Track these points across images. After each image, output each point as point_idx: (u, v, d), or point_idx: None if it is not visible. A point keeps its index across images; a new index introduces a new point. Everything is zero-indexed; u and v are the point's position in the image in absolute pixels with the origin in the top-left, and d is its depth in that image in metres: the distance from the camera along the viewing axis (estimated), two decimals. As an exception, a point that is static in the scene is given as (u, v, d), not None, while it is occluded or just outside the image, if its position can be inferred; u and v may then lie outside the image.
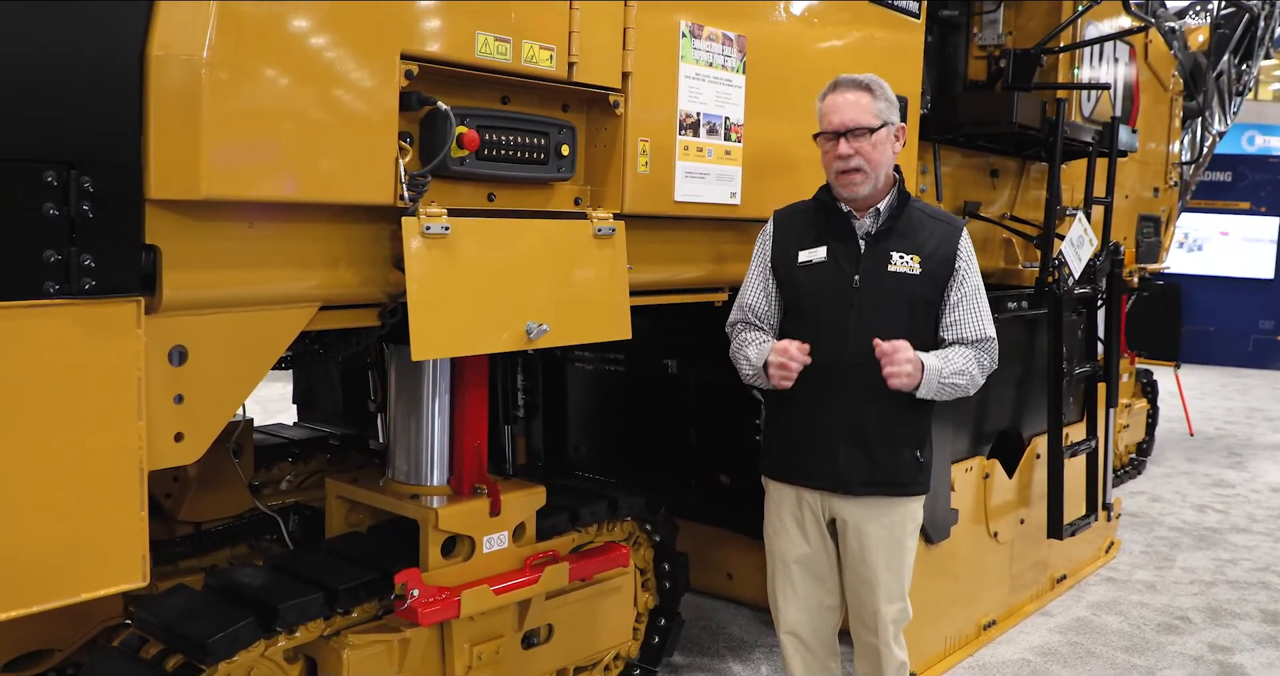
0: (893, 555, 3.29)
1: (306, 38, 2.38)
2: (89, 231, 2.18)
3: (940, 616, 4.68)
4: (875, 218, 3.24)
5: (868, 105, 3.15)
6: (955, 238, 3.26)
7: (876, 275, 3.19)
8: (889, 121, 3.19)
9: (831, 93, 3.21)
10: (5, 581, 2.14)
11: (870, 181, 3.18)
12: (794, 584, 3.39)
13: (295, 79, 2.37)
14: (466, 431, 3.42)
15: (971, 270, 3.27)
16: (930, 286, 3.22)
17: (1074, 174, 5.86)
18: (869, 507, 3.25)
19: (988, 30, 5.58)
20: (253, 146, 2.32)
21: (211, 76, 2.23)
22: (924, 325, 3.24)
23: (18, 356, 2.11)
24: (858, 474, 3.21)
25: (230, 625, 2.87)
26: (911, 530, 3.34)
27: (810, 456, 3.28)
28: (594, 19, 3.01)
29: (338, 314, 2.78)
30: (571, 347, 5.33)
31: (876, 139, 3.15)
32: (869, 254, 3.22)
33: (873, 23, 4.07)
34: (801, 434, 3.29)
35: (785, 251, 3.33)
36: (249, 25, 2.28)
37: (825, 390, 3.20)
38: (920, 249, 3.21)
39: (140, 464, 2.31)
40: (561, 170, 3.07)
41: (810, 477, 3.30)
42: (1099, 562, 6.20)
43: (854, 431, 3.20)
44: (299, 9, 2.36)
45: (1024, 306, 5.06)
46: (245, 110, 2.29)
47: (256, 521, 4.30)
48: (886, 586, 3.29)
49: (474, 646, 3.37)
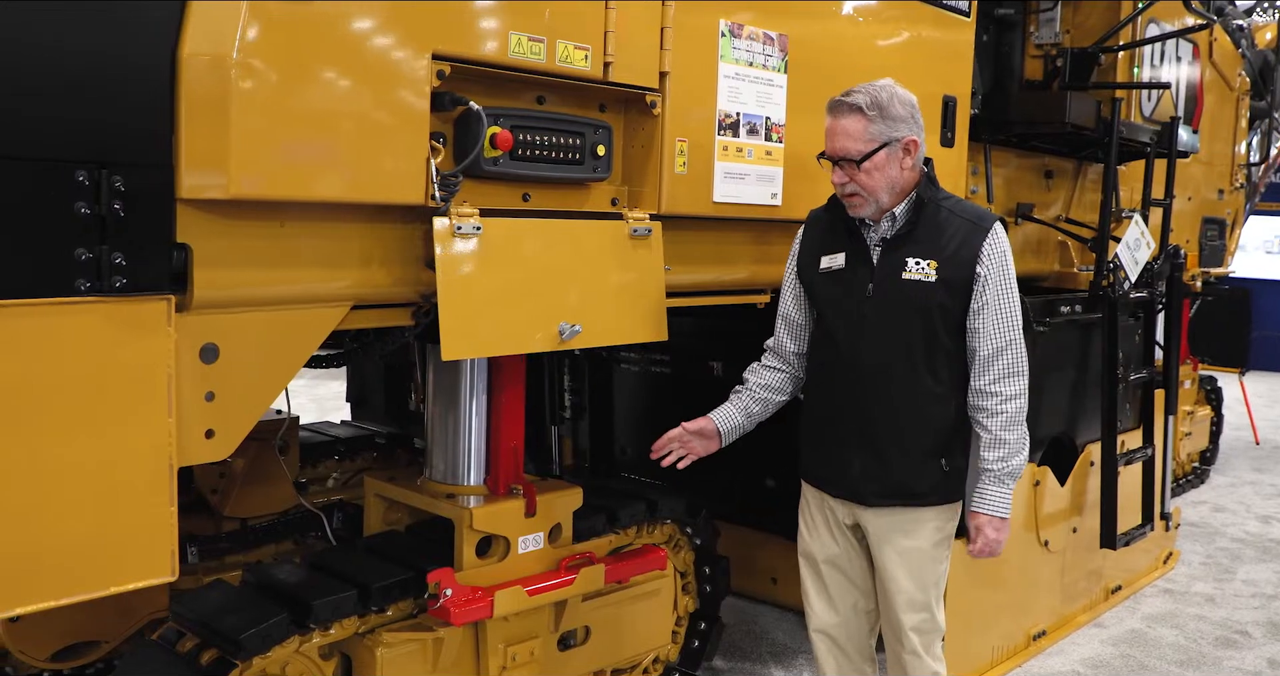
0: (913, 564, 3.21)
1: (336, 38, 2.39)
2: (120, 230, 2.20)
3: (988, 625, 4.60)
4: (890, 223, 3.14)
5: (859, 132, 3.03)
6: (979, 238, 3.08)
7: (890, 283, 3.10)
8: (890, 140, 3.05)
9: (829, 115, 3.12)
10: (38, 574, 2.17)
11: (869, 204, 3.09)
12: (825, 584, 3.37)
13: (325, 79, 2.38)
14: (503, 431, 3.43)
15: (998, 272, 3.08)
16: (948, 293, 3.07)
17: (1133, 176, 5.74)
18: (887, 517, 3.20)
19: (1044, 29, 5.48)
20: (282, 146, 2.33)
21: (241, 77, 2.24)
22: (945, 333, 3.10)
23: (50, 353, 2.14)
24: (872, 484, 3.16)
25: (264, 620, 2.89)
26: (937, 539, 3.24)
27: (829, 464, 3.26)
28: (630, 19, 3.00)
29: (371, 313, 2.79)
30: (617, 349, 5.33)
31: (871, 164, 3.04)
32: (883, 261, 3.13)
33: (920, 21, 4.02)
34: (822, 442, 3.28)
35: (810, 257, 3.29)
36: (279, 26, 2.29)
37: (841, 400, 3.19)
38: (939, 253, 3.08)
39: (170, 460, 2.33)
40: (597, 170, 3.06)
41: (831, 485, 3.28)
42: (1156, 573, 6.07)
43: (868, 441, 3.15)
44: (329, 10, 2.37)
45: (1077, 310, 4.96)
46: (274, 110, 2.30)
47: (301, 518, 4.35)
48: (908, 595, 3.22)
49: (509, 647, 3.37)
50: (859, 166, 3.04)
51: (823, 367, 3.28)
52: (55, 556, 2.19)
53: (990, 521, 3.15)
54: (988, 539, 3.16)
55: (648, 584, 3.86)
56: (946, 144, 4.21)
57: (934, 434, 3.14)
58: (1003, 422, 3.12)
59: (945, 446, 3.17)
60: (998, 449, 3.12)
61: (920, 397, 3.12)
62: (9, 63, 2.03)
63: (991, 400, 3.11)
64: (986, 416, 3.12)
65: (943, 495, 3.20)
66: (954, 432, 3.18)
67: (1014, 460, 3.14)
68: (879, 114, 3.03)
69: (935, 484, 3.17)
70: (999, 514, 3.15)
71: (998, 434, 3.12)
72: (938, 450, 3.15)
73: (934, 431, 3.14)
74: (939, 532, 3.24)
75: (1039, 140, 5.17)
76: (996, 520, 3.15)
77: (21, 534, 2.14)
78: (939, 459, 3.16)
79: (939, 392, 3.13)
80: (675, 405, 5.26)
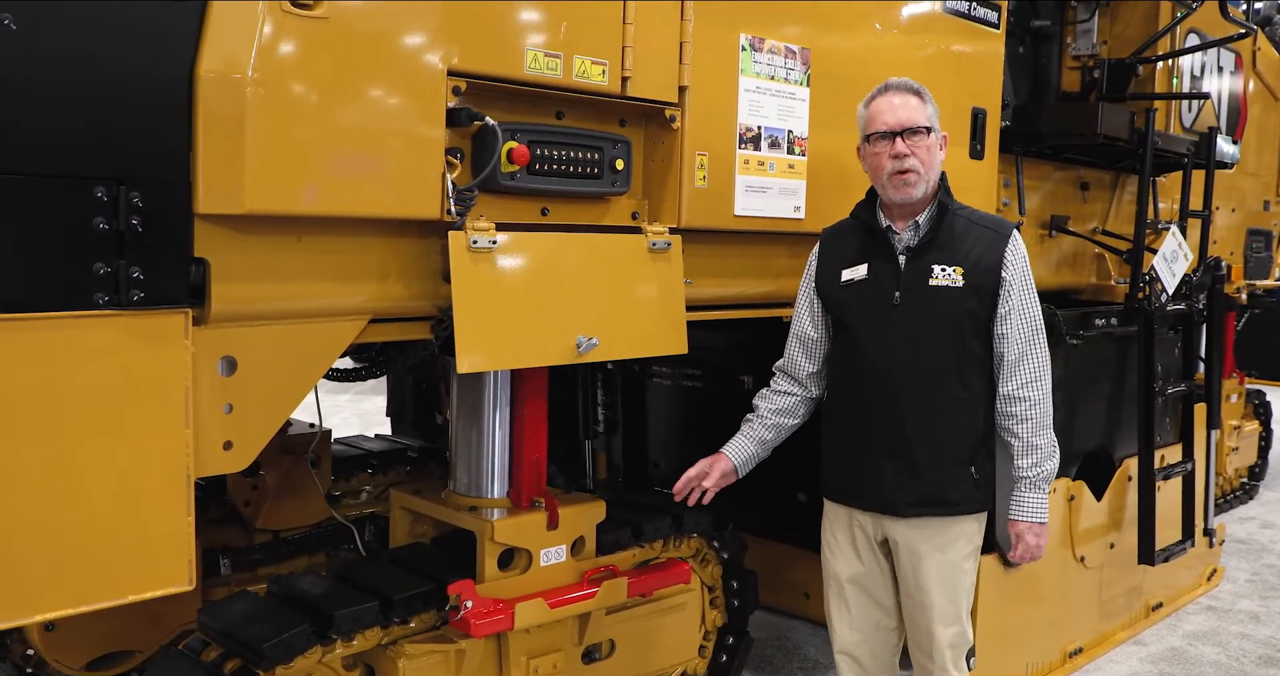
0: (947, 577, 3.20)
1: (352, 55, 2.43)
2: (138, 245, 2.24)
3: (1022, 642, 4.55)
4: (915, 231, 3.16)
5: (920, 108, 3.11)
6: (1001, 245, 3.13)
7: (917, 291, 3.12)
8: (936, 128, 3.15)
9: (881, 95, 3.15)
10: (56, 581, 2.21)
11: (924, 183, 3.10)
12: (848, 603, 3.36)
13: (339, 97, 2.41)
14: (526, 444, 3.44)
15: (1021, 278, 3.14)
16: (976, 299, 3.10)
17: (1174, 187, 5.67)
18: (920, 528, 3.18)
19: (1081, 40, 5.45)
20: (297, 162, 2.37)
21: (257, 94, 2.28)
22: (973, 339, 3.13)
23: (70, 365, 2.18)
24: (905, 494, 3.15)
25: (287, 631, 2.92)
26: (968, 551, 3.24)
27: (858, 477, 3.24)
28: (648, 34, 3.02)
29: (389, 327, 2.82)
30: (650, 363, 5.35)
31: (930, 141, 3.10)
32: (909, 269, 3.14)
33: (947, 33, 4.00)
34: (849, 454, 3.26)
35: (830, 271, 3.28)
36: (295, 43, 2.33)
37: (870, 410, 3.18)
38: (964, 259, 3.11)
39: (188, 470, 2.37)
40: (616, 184, 3.08)
41: (859, 498, 3.26)
42: (1199, 591, 5.97)
43: (899, 450, 3.14)
44: (343, 28, 2.41)
45: (1113, 323, 4.91)
46: (290, 127, 2.34)
47: (333, 531, 4.39)
48: (941, 609, 3.21)
49: (531, 659, 3.38)
50: (927, 136, 3.08)
51: (847, 380, 3.28)
52: (75, 564, 2.23)
53: (1030, 527, 3.18)
54: (1028, 545, 3.19)
55: (674, 598, 3.85)
56: (976, 156, 4.18)
57: (963, 441, 3.15)
58: (1032, 427, 3.14)
59: (973, 454, 3.17)
60: (1030, 455, 3.15)
61: (949, 404, 3.13)
62: (28, 81, 2.07)
63: (1020, 405, 3.13)
64: (1016, 422, 3.15)
65: (973, 504, 3.21)
66: (981, 440, 3.19)
67: (1047, 465, 3.16)
68: (930, 101, 3.15)
69: (966, 493, 3.18)
70: (1038, 519, 3.18)
71: (1028, 440, 3.15)
72: (967, 458, 3.16)
73: (963, 439, 3.16)
74: (969, 544, 3.24)
75: (1073, 152, 5.12)
76: (1036, 525, 3.18)
77: (42, 542, 2.18)
78: (968, 466, 3.17)
79: (967, 399, 3.15)
80: (707, 420, 5.29)
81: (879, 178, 3.15)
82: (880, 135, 3.11)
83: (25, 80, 2.07)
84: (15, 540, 2.14)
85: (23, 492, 2.14)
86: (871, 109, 3.16)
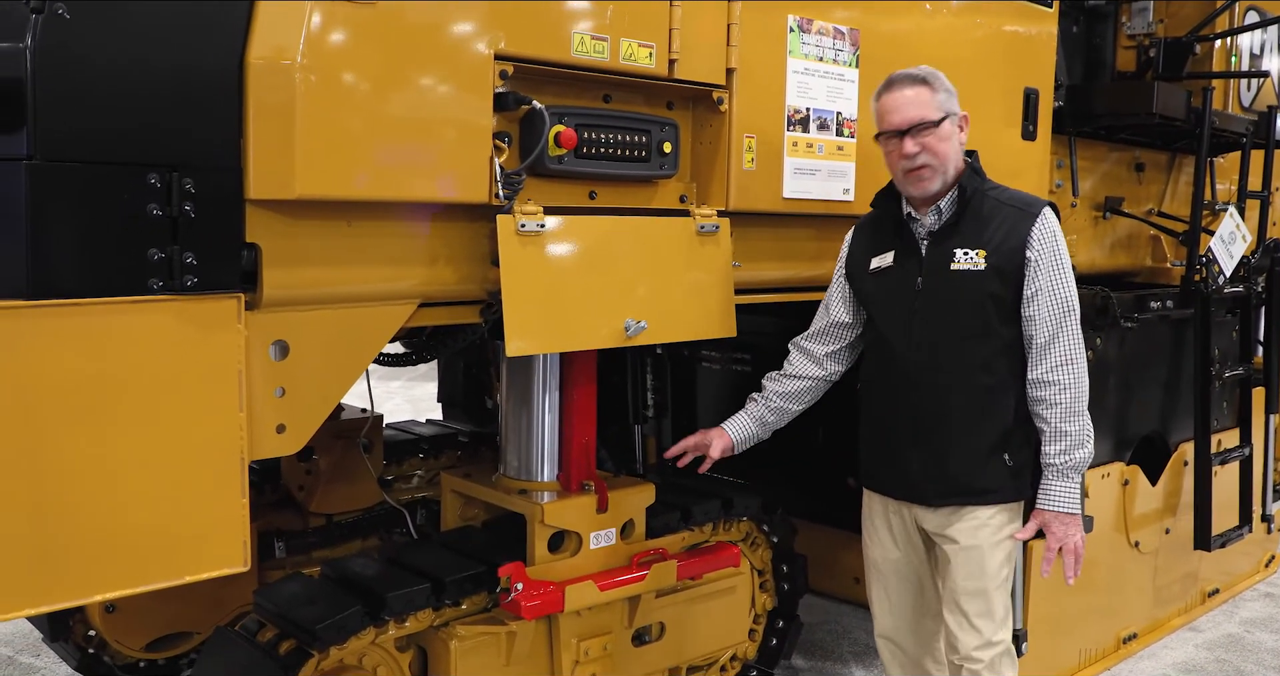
0: (980, 569, 3.12)
1: (400, 41, 2.45)
2: (191, 230, 2.27)
3: (1075, 628, 4.51)
4: (937, 216, 3.08)
5: (927, 100, 3.00)
6: (1028, 224, 3.00)
7: (939, 276, 3.05)
8: (950, 112, 3.03)
9: (886, 91, 3.06)
10: (116, 562, 2.25)
11: (940, 176, 3.02)
12: (888, 590, 3.35)
13: (388, 81, 2.43)
14: (576, 428, 3.45)
15: (1049, 257, 3.00)
16: (999, 281, 3.00)
17: (1232, 168, 5.57)
18: (950, 517, 3.13)
19: (1137, 19, 5.35)
20: (346, 147, 2.39)
21: (306, 80, 2.30)
22: (1001, 323, 3.03)
23: (124, 350, 2.21)
24: (933, 484, 3.11)
25: (340, 612, 2.96)
26: (1003, 542, 3.14)
27: (889, 467, 3.21)
28: (695, 16, 3.01)
29: (439, 311, 2.84)
30: (699, 348, 5.34)
31: (941, 132, 3.00)
32: (931, 255, 3.08)
33: (998, 12, 3.96)
34: (881, 444, 3.24)
35: (860, 260, 3.25)
36: (343, 29, 2.35)
37: (896, 398, 3.15)
38: (988, 242, 3.01)
39: (242, 453, 2.40)
40: (664, 168, 3.08)
41: (891, 488, 3.24)
42: (1257, 577, 5.89)
43: (926, 438, 3.09)
44: (391, 13, 2.42)
45: (1168, 306, 4.84)
46: (339, 112, 2.36)
47: (386, 515, 4.43)
48: (975, 604, 3.12)
49: (581, 641, 3.39)
50: (935, 130, 2.99)
51: (877, 369, 3.25)
52: (133, 545, 2.27)
53: (1056, 517, 3.05)
54: (1056, 535, 3.07)
55: (723, 581, 3.86)
56: (1028, 136, 4.13)
57: (993, 428, 3.07)
58: (1061, 413, 3.02)
59: (1006, 441, 3.08)
60: (1058, 441, 3.03)
61: (975, 391, 3.06)
62: (83, 71, 2.11)
63: (1049, 390, 3.02)
64: (1045, 407, 3.04)
65: (1008, 492, 3.12)
66: (1015, 426, 3.09)
67: (1077, 453, 3.03)
68: (940, 86, 3.04)
69: (1000, 480, 3.10)
70: (1065, 509, 3.05)
71: (1057, 425, 3.03)
72: (999, 445, 3.07)
73: (993, 425, 3.07)
74: (1002, 532, 3.14)
75: (1128, 132, 5.04)
76: (1063, 515, 3.05)
77: (101, 524, 2.21)
78: (1001, 454, 3.08)
79: (995, 384, 3.06)
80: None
81: (895, 174, 3.11)
82: (888, 135, 3.05)
83: (78, 68, 2.11)
84: (76, 522, 2.18)
85: (81, 475, 2.18)
86: (879, 106, 3.09)
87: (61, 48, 2.08)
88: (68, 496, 2.16)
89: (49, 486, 2.14)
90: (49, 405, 2.13)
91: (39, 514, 2.14)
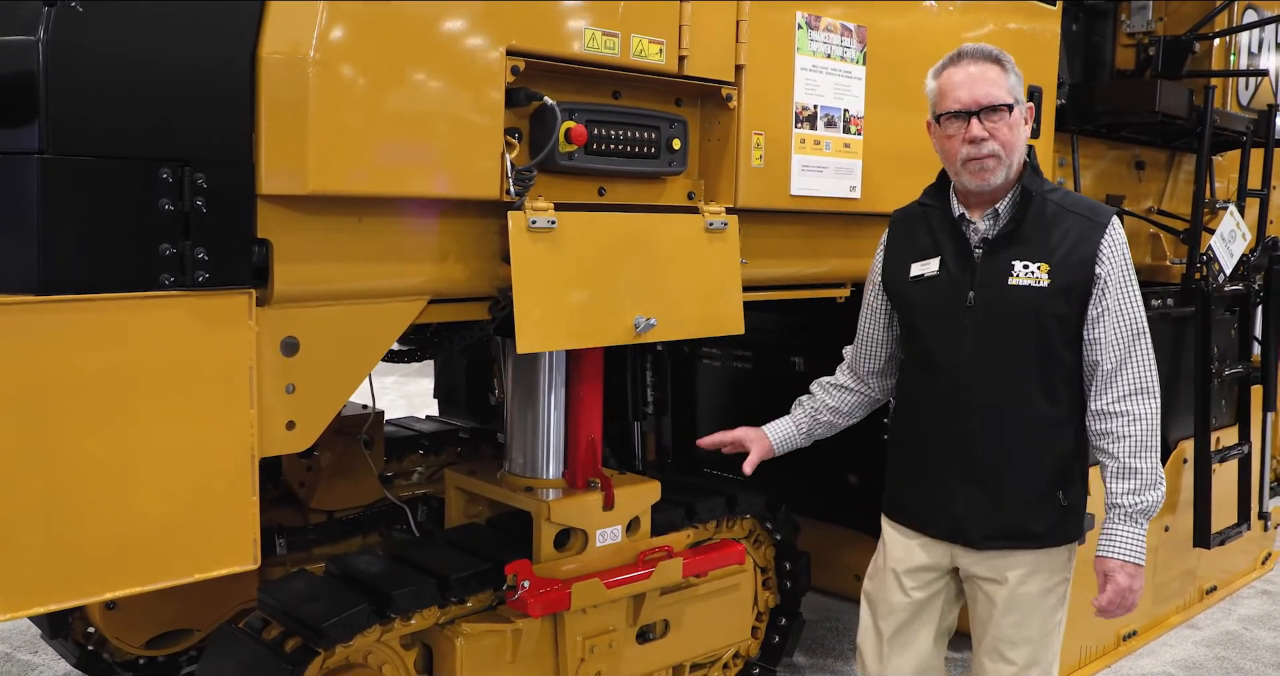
0: (1030, 616, 2.82)
1: (411, 35, 2.43)
2: (202, 226, 2.26)
3: (1076, 625, 4.45)
4: (994, 220, 2.76)
5: (1000, 79, 2.68)
6: (1096, 236, 2.69)
7: (995, 290, 2.72)
8: (1020, 100, 2.72)
9: (953, 65, 2.72)
10: (125, 560, 2.23)
11: (1004, 168, 2.70)
12: (882, 636, 3.01)
13: (401, 76, 2.42)
14: (581, 425, 3.45)
15: (1119, 274, 2.70)
16: (1064, 300, 2.68)
17: (1230, 166, 5.59)
18: (996, 560, 2.82)
19: (1136, 17, 5.37)
20: (359, 143, 2.37)
21: (319, 75, 2.29)
22: (1062, 346, 2.72)
23: (135, 345, 2.20)
24: (980, 524, 2.78)
25: (346, 610, 2.94)
26: (1055, 587, 2.83)
27: (927, 500, 2.88)
28: (705, 12, 3.00)
29: (448, 307, 2.82)
30: (700, 344, 5.33)
31: (1013, 119, 2.68)
32: (986, 265, 2.74)
33: (1004, 10, 3.96)
34: (916, 473, 2.92)
35: (898, 264, 2.92)
36: (355, 25, 2.34)
37: (942, 427, 2.82)
38: (1050, 254, 2.68)
39: (252, 450, 2.38)
40: (673, 164, 3.07)
41: (928, 525, 2.90)
42: (1254, 574, 5.90)
43: (974, 474, 2.78)
44: (404, 7, 2.41)
45: (1169, 304, 4.85)
46: (351, 108, 2.35)
47: (387, 511, 4.41)
48: (1021, 652, 2.83)
49: (586, 639, 3.38)
50: (1009, 114, 2.68)
51: (918, 391, 2.93)
52: (143, 543, 2.25)
53: (1123, 568, 2.67)
54: (1119, 587, 2.68)
55: (727, 579, 3.85)
56: (1032, 135, 4.10)
57: (1051, 464, 2.76)
58: (1131, 447, 2.68)
59: (1063, 478, 2.78)
60: (1128, 480, 2.69)
61: (1034, 422, 2.74)
62: (95, 65, 2.09)
63: (1117, 422, 2.69)
64: (1111, 441, 2.70)
65: (1062, 535, 2.82)
66: (1073, 462, 2.80)
67: (1149, 494, 2.69)
68: (1013, 69, 2.73)
69: (1053, 522, 2.78)
70: (1132, 558, 2.68)
71: (1126, 462, 2.68)
72: (1055, 483, 2.77)
73: (1050, 461, 2.76)
74: (1055, 578, 2.84)
75: (1129, 130, 5.06)
76: (1130, 566, 2.68)
77: (112, 521, 2.20)
78: (1056, 492, 2.77)
79: (1056, 416, 2.75)
80: (758, 401, 5.27)
81: (952, 163, 2.76)
82: (953, 115, 2.70)
83: (91, 62, 2.09)
84: (85, 519, 2.16)
85: (91, 472, 2.16)
86: (942, 82, 2.73)
87: (74, 41, 2.07)
88: (77, 493, 2.15)
89: (59, 483, 2.12)
90: (59, 401, 2.11)
91: (48, 511, 2.12)
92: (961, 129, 2.70)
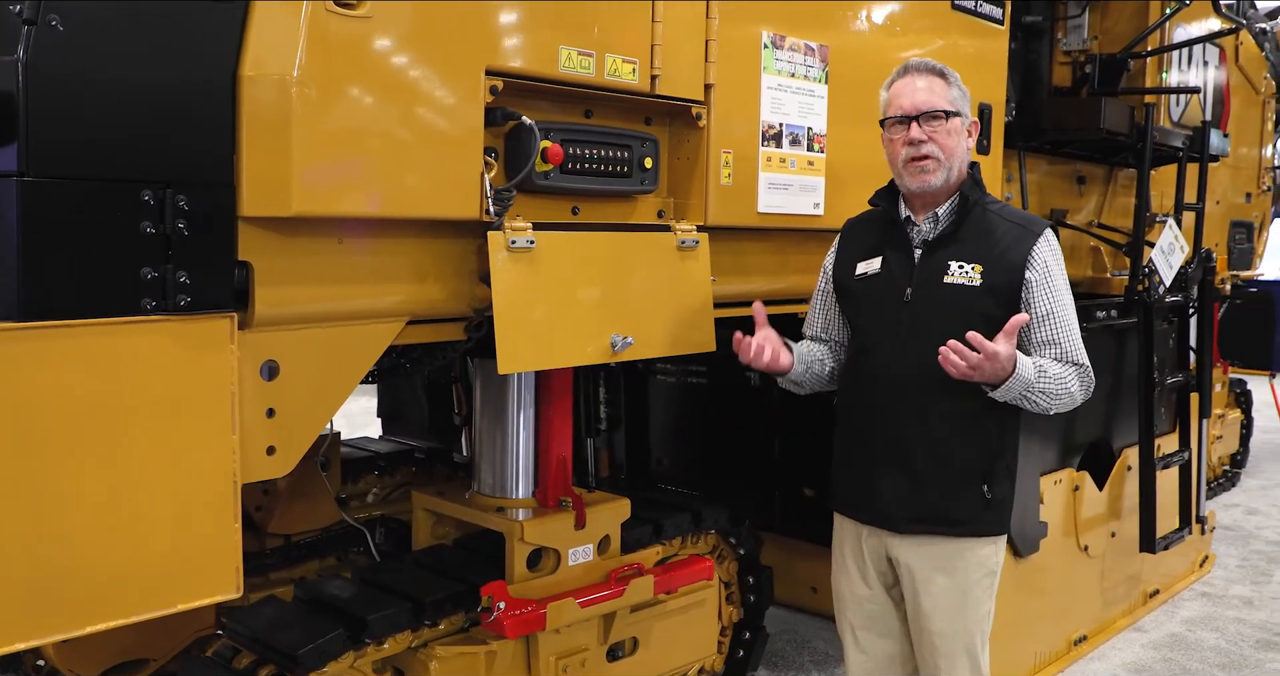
0: (953, 605, 2.95)
1: (393, 56, 2.41)
2: (184, 249, 2.21)
3: (1029, 632, 4.58)
4: (934, 223, 2.95)
5: (941, 91, 2.89)
6: (1028, 243, 2.86)
7: (930, 288, 2.89)
8: (963, 112, 2.92)
9: (901, 77, 2.94)
10: (105, 592, 2.18)
11: (944, 170, 2.88)
12: (854, 629, 3.16)
13: (382, 97, 2.39)
14: (552, 444, 3.44)
15: (1050, 281, 2.87)
16: (994, 300, 2.83)
17: (1163, 180, 5.73)
18: (921, 548, 2.95)
19: (1072, 35, 5.49)
20: (341, 163, 2.34)
21: (301, 95, 2.26)
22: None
23: (116, 372, 2.14)
24: (904, 509, 2.92)
25: (320, 636, 2.91)
26: (979, 578, 2.97)
27: (859, 487, 3.02)
28: (676, 32, 3.02)
29: (425, 328, 2.80)
30: (653, 360, 5.34)
31: (951, 126, 2.88)
32: (924, 264, 2.92)
33: (955, 30, 4.02)
34: (853, 462, 3.06)
35: (847, 263, 3.10)
36: (337, 45, 2.31)
37: (874, 416, 2.97)
38: (984, 257, 2.86)
39: (234, 477, 2.34)
40: (645, 183, 3.08)
41: (860, 510, 3.05)
42: (1193, 577, 6.05)
43: (901, 460, 2.91)
44: (385, 28, 2.39)
45: (1113, 315, 4.96)
46: (334, 128, 2.32)
47: (344, 534, 4.36)
48: (947, 641, 2.97)
49: (559, 659, 3.37)
50: (945, 121, 2.87)
51: (856, 381, 3.07)
52: (124, 574, 2.19)
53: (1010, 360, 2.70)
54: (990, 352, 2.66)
55: (694, 594, 3.86)
56: (982, 151, 4.20)
57: (974, 455, 2.90)
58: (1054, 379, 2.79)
59: (988, 470, 2.92)
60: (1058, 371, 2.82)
61: (959, 414, 2.88)
62: (75, 85, 2.05)
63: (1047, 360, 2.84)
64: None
65: (984, 525, 2.95)
66: (998, 455, 2.94)
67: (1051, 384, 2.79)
68: (956, 83, 2.95)
69: (975, 512, 2.92)
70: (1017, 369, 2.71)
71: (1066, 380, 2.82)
72: (978, 474, 2.91)
73: (975, 453, 2.90)
74: (979, 570, 2.97)
75: (1071, 146, 5.17)
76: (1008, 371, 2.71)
77: (92, 552, 2.14)
78: (980, 484, 2.91)
79: (978, 410, 2.87)
80: (712, 416, 5.30)
81: (895, 165, 2.95)
82: (896, 120, 2.91)
83: (71, 81, 2.05)
84: (66, 549, 2.10)
85: (72, 501, 2.10)
86: (891, 92, 2.96)
87: (54, 61, 2.03)
88: (58, 522, 2.09)
89: (39, 512, 2.07)
90: (39, 429, 2.05)
91: (29, 542, 2.06)
92: (903, 132, 2.91)
